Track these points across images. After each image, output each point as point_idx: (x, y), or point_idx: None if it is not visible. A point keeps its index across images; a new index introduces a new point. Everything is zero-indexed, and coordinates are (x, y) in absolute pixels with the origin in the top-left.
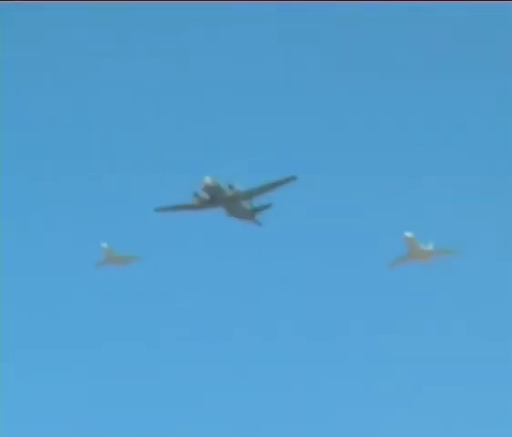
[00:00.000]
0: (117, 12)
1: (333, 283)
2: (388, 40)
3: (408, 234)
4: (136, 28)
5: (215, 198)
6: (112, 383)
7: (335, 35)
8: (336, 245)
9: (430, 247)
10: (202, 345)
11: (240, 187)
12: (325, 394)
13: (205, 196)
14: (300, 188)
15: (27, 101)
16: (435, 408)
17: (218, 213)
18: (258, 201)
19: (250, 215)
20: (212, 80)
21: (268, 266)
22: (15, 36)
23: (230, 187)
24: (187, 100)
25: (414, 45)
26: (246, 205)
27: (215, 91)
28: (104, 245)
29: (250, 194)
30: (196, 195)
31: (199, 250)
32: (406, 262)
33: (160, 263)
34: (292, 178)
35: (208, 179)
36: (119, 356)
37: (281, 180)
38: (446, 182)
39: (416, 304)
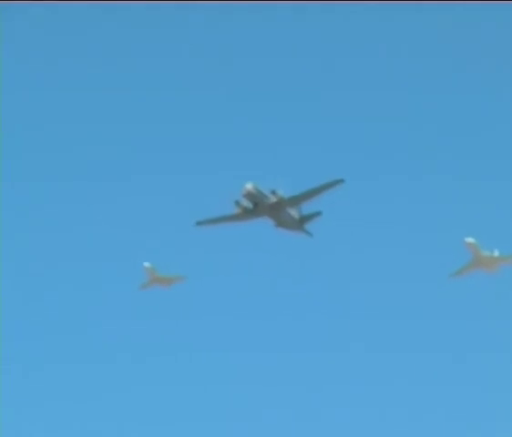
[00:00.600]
0: (119, 12)
1: (392, 295)
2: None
3: (469, 239)
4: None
5: (258, 205)
6: (158, 401)
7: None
8: (393, 254)
9: (495, 253)
10: (251, 361)
11: (284, 193)
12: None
13: (247, 204)
14: (351, 195)
15: (31, 102)
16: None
17: (263, 225)
18: (306, 209)
19: (299, 224)
20: (246, 85)
21: (320, 278)
22: (16, 37)
23: (273, 192)
24: (220, 107)
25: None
26: (293, 213)
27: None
28: (146, 264)
29: (295, 200)
30: (238, 203)
31: (246, 265)
32: (470, 271)
33: (205, 281)
34: (340, 181)
35: (249, 186)
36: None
37: (327, 184)
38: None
39: (482, 316)
